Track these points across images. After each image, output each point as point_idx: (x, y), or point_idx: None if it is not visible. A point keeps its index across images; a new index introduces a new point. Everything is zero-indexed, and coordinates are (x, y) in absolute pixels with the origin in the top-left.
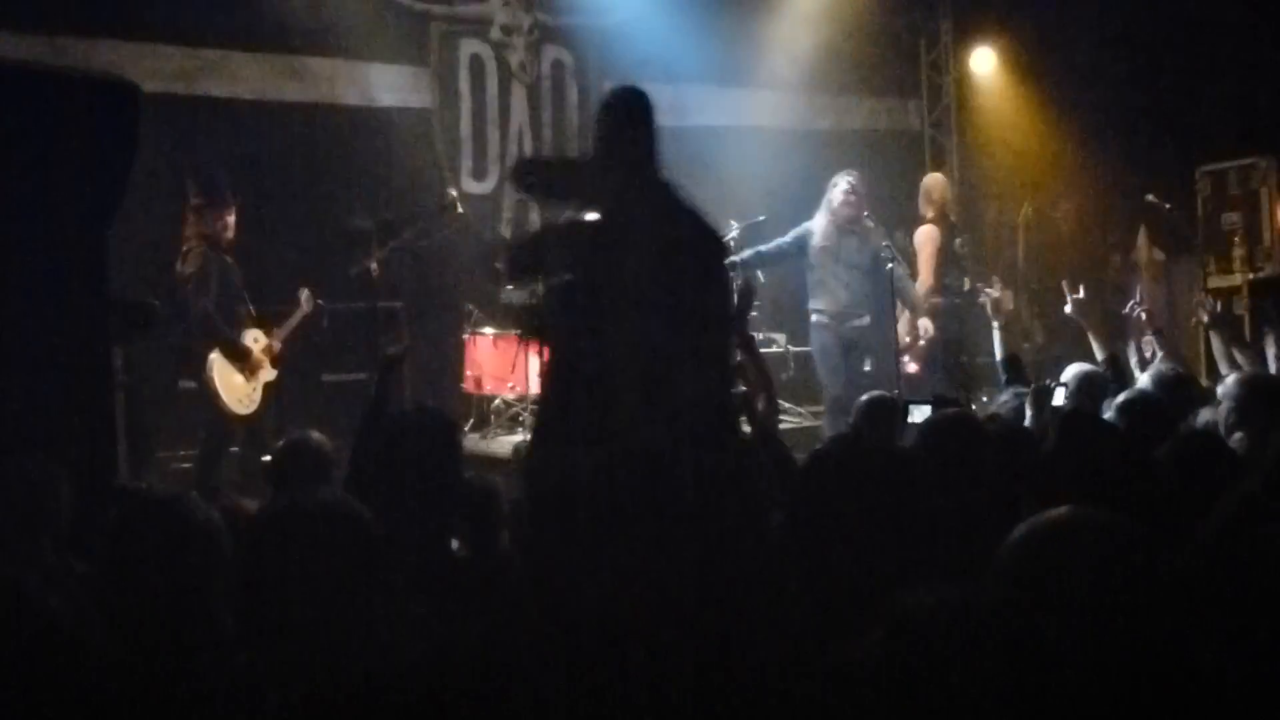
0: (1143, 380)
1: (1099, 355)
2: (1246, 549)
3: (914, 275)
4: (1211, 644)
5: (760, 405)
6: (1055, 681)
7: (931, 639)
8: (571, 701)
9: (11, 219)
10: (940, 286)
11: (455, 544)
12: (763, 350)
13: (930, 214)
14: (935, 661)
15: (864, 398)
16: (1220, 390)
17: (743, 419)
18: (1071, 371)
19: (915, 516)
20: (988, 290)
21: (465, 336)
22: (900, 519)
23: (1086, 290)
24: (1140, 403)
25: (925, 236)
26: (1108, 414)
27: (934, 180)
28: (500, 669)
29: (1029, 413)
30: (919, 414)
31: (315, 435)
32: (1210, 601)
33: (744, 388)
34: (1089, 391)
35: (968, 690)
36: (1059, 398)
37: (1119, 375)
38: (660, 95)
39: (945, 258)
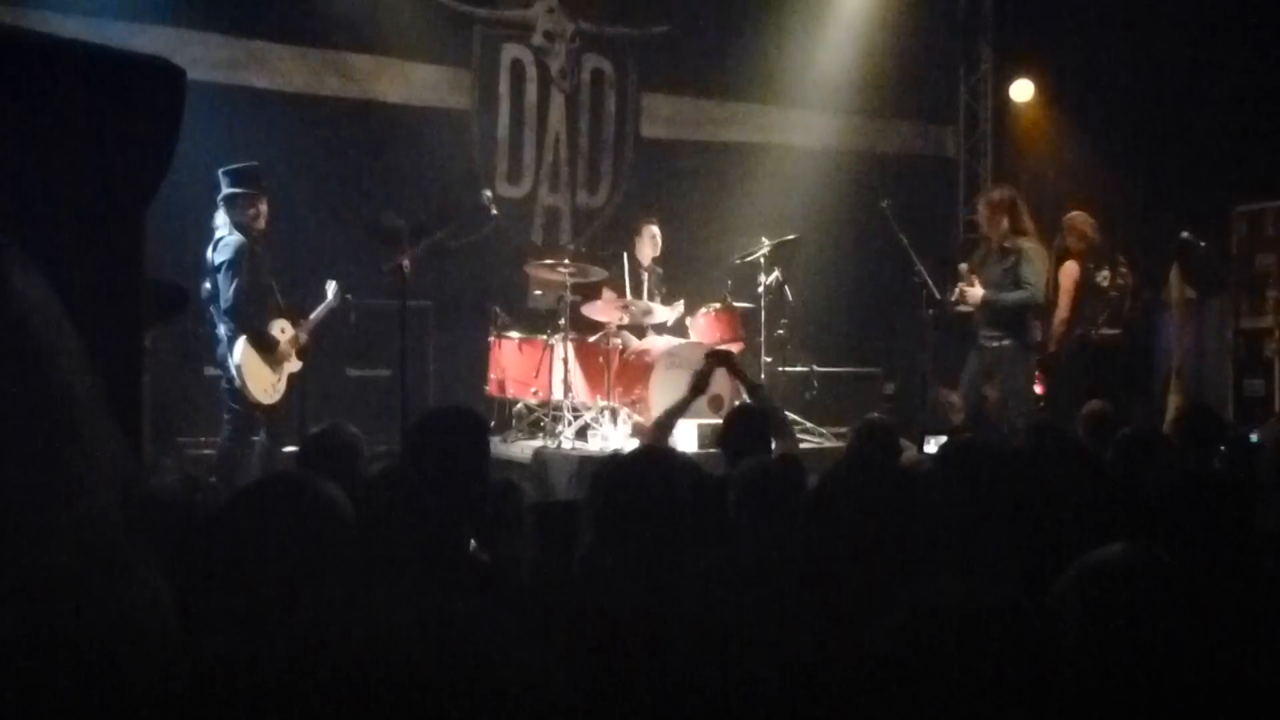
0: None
1: None
2: None
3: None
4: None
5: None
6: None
7: (942, 631)
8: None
9: (53, 193)
10: (1078, 318)
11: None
12: (789, 370)
13: (1077, 249)
14: (944, 652)
15: (860, 421)
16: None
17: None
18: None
19: (920, 536)
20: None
21: (491, 339)
22: (906, 538)
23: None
24: (1135, 439)
25: (1064, 273)
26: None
27: (1078, 216)
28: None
29: None
30: (933, 443)
31: (347, 426)
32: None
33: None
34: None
35: (976, 683)
36: None
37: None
38: (698, 109)
39: (1085, 291)
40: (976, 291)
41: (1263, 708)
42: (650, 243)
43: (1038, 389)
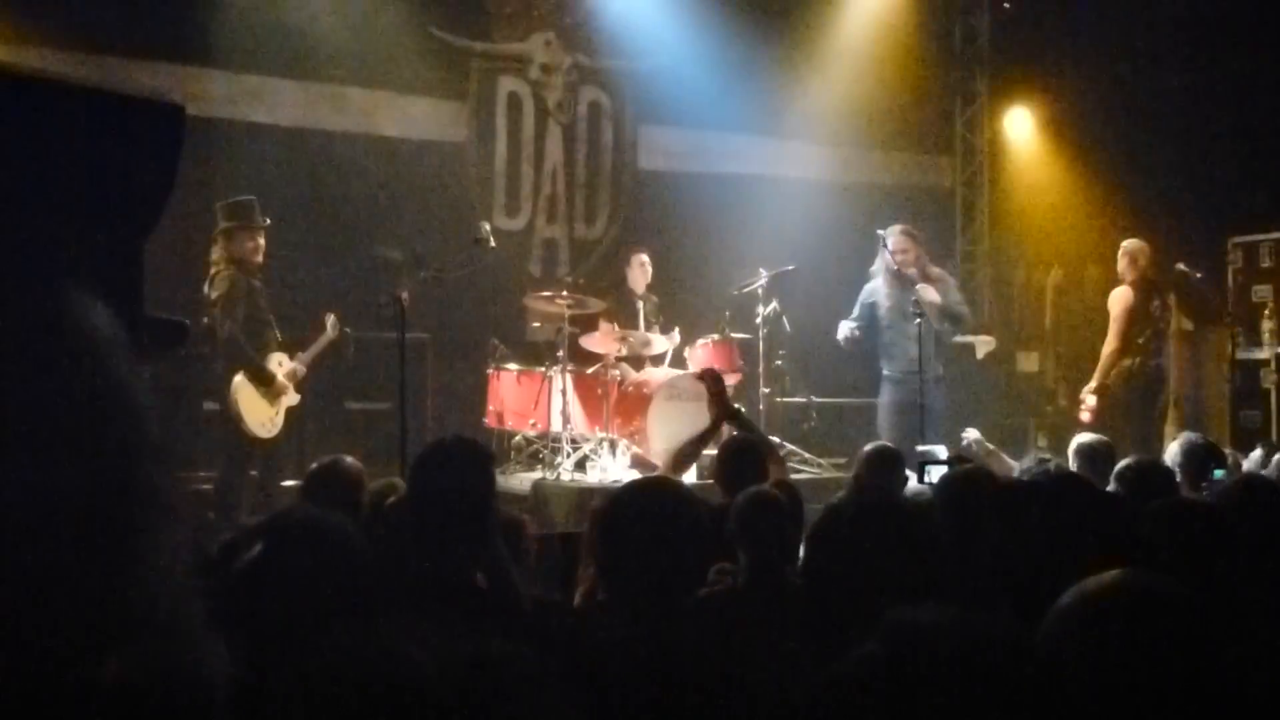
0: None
1: None
2: None
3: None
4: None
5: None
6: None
7: (925, 650)
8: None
9: (50, 229)
10: (1129, 347)
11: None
12: (788, 400)
13: (1130, 277)
14: (927, 671)
15: (868, 447)
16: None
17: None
18: (1076, 442)
19: (923, 565)
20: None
21: (489, 371)
22: (909, 567)
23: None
24: (1136, 469)
25: (1115, 298)
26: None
27: (1135, 244)
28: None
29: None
30: (935, 472)
31: (348, 459)
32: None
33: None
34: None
35: (959, 702)
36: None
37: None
38: (694, 141)
39: (1136, 319)
40: (934, 294)
41: None
42: (640, 271)
43: (1085, 417)
